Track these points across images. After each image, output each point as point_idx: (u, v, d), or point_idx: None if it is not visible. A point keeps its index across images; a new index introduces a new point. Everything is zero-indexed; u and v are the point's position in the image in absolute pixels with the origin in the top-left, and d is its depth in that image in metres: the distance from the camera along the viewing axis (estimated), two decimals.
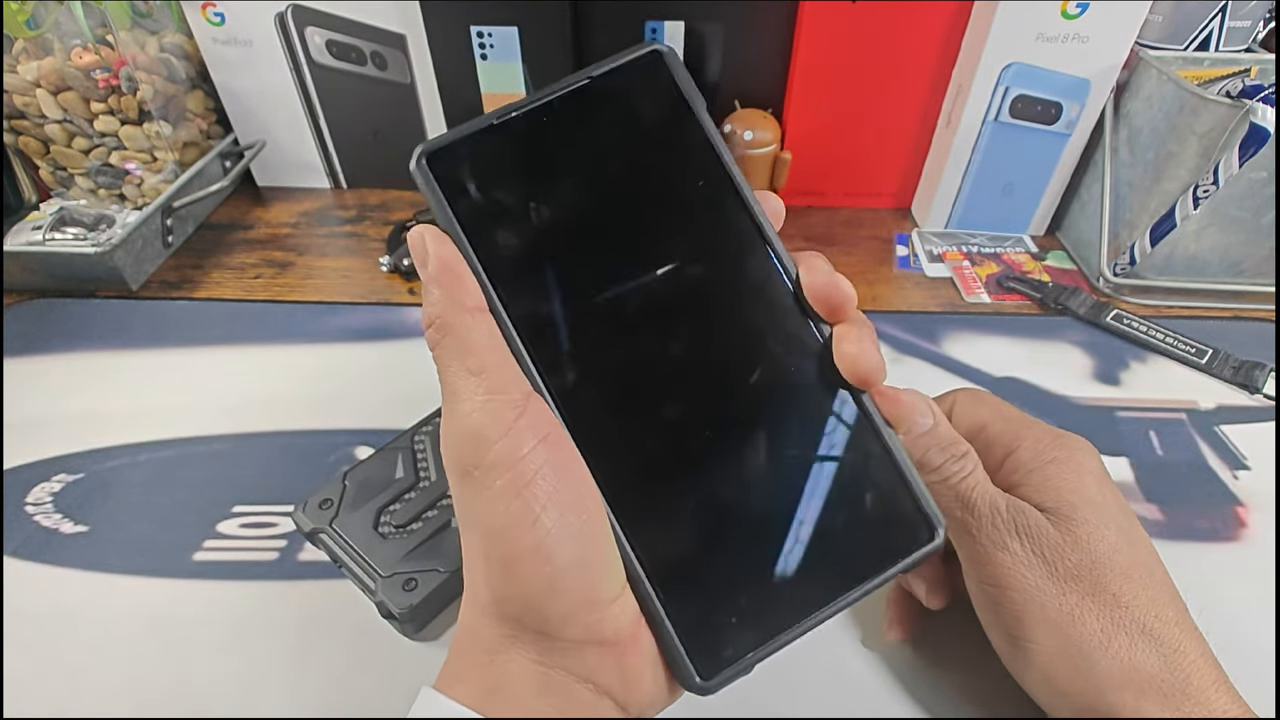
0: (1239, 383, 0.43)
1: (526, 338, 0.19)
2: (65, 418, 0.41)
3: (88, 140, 0.51)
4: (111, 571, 0.33)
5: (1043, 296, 0.50)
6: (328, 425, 0.40)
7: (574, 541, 0.17)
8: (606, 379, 0.19)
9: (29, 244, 0.49)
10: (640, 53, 0.20)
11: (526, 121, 0.19)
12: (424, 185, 0.19)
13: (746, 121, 0.55)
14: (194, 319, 0.48)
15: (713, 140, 0.21)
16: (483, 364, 0.18)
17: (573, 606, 0.18)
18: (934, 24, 0.51)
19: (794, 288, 0.21)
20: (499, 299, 0.19)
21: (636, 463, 0.19)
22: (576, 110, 0.20)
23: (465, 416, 0.18)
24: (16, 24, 0.47)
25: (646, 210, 0.20)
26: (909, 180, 0.59)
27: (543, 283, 0.19)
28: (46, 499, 0.36)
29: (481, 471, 0.17)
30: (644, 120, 0.21)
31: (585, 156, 0.20)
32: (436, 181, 0.19)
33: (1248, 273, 0.50)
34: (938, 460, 0.24)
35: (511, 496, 0.17)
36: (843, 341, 0.20)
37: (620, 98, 0.20)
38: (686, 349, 0.20)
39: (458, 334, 0.18)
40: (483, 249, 0.19)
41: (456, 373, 0.18)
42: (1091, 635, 0.22)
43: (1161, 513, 0.36)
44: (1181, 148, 0.45)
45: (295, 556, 0.34)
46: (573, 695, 0.18)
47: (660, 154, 0.21)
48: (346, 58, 0.55)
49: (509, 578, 0.18)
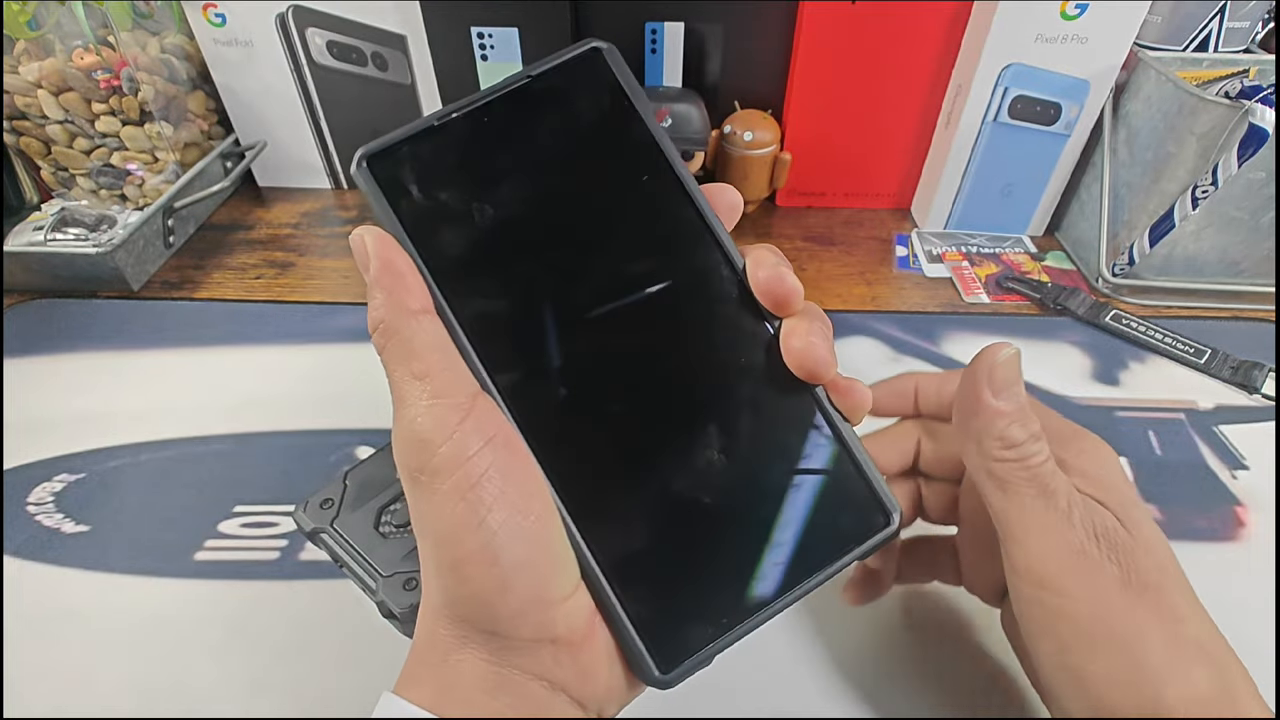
0: (1238, 383, 0.44)
1: (474, 338, 0.19)
2: (66, 417, 0.41)
3: (89, 141, 0.52)
4: (113, 571, 0.33)
5: (1042, 297, 0.50)
6: (328, 425, 0.40)
7: (522, 542, 0.18)
8: (555, 377, 0.19)
9: (30, 244, 0.49)
10: (580, 50, 0.20)
11: (467, 122, 0.19)
12: (365, 187, 0.19)
13: (746, 122, 0.55)
14: (195, 319, 0.48)
15: (656, 136, 0.21)
16: (427, 367, 0.18)
17: (523, 605, 0.18)
18: (934, 25, 0.51)
19: (741, 282, 0.21)
20: (444, 300, 0.19)
21: (588, 460, 0.19)
22: (518, 109, 0.20)
23: (411, 422, 0.18)
24: (18, 25, 0.47)
25: (590, 208, 0.20)
26: (908, 181, 0.60)
27: (488, 283, 0.19)
28: (48, 499, 0.36)
29: (427, 476, 0.18)
30: (586, 118, 0.20)
31: (527, 155, 0.20)
32: (378, 183, 0.19)
33: (1246, 273, 0.50)
34: (1020, 437, 0.21)
35: (457, 499, 0.17)
36: (790, 336, 0.20)
37: (561, 96, 0.20)
38: (635, 346, 0.20)
39: (402, 337, 0.18)
40: (426, 250, 0.19)
41: (402, 377, 0.18)
42: (1157, 658, 0.19)
43: (1161, 513, 0.36)
44: (1180, 148, 0.45)
45: (296, 556, 0.34)
46: (526, 693, 0.18)
47: (603, 151, 0.21)
48: (347, 59, 0.56)
49: (458, 579, 0.18)
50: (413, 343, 0.18)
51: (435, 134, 0.19)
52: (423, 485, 0.18)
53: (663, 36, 0.54)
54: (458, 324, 0.19)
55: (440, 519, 0.18)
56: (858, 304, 0.50)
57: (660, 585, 0.19)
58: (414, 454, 0.18)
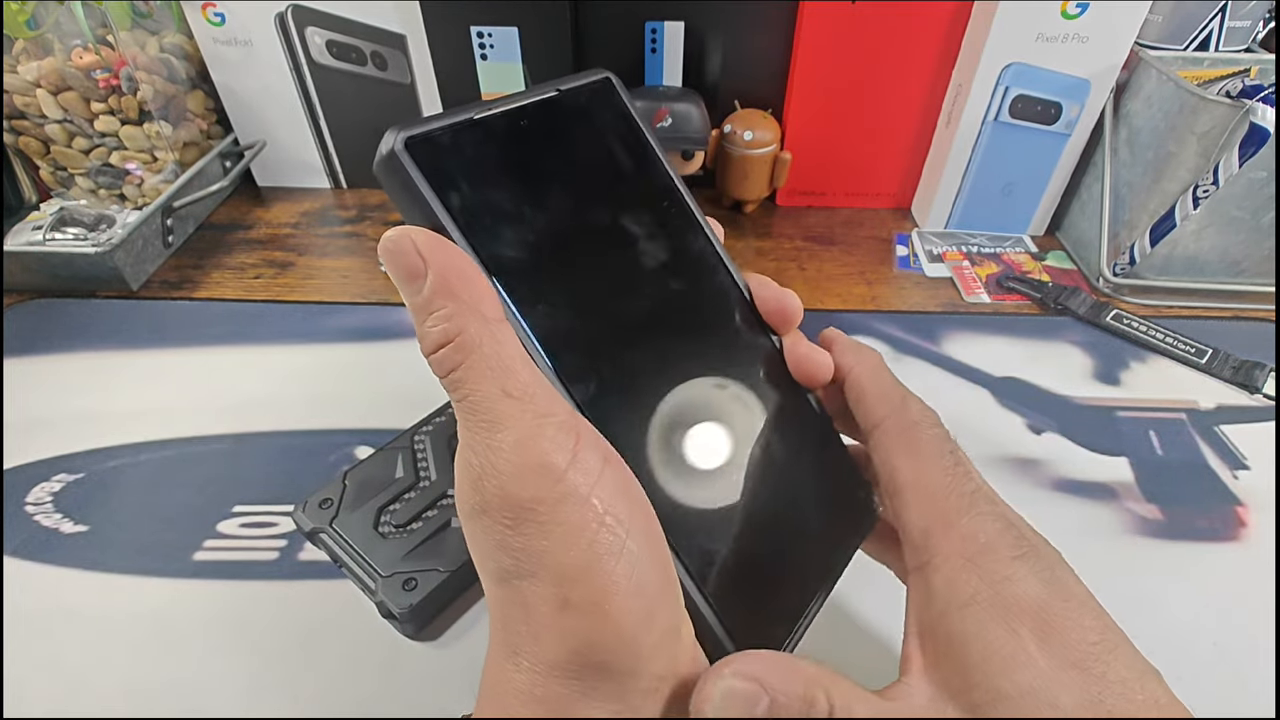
0: (1239, 383, 0.43)
1: (548, 350, 0.17)
2: (65, 417, 0.41)
3: (88, 140, 0.52)
4: (112, 571, 0.33)
5: (1042, 296, 0.50)
6: (328, 425, 0.40)
7: (656, 566, 0.16)
8: (616, 387, 0.19)
9: (29, 244, 0.49)
10: (595, 77, 0.21)
11: (505, 122, 0.19)
12: (401, 176, 0.17)
13: (746, 121, 0.55)
14: (194, 319, 0.48)
15: (668, 166, 0.22)
16: (523, 384, 0.16)
17: (662, 637, 0.16)
18: (934, 24, 0.51)
19: (750, 302, 0.23)
20: (514, 308, 0.17)
21: (667, 471, 0.19)
22: (550, 119, 0.20)
23: (520, 447, 0.15)
24: (17, 24, 0.47)
25: (623, 222, 0.21)
26: (909, 180, 0.59)
27: (548, 289, 0.18)
28: (47, 498, 0.36)
29: (549, 506, 0.15)
30: (608, 136, 0.21)
31: (564, 164, 0.20)
32: (422, 171, 0.17)
33: (1247, 273, 0.50)
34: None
35: (596, 527, 0.15)
36: (796, 346, 0.22)
37: (586, 113, 0.21)
38: (677, 356, 0.20)
39: (485, 351, 0.16)
40: (484, 251, 0.17)
41: (491, 396, 0.16)
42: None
43: (1161, 513, 0.36)
44: (1181, 148, 0.45)
45: (295, 556, 0.34)
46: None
47: (625, 170, 0.21)
48: (346, 58, 0.55)
49: (598, 617, 0.15)
50: (500, 356, 0.16)
51: (477, 128, 0.18)
52: (539, 518, 0.15)
53: (663, 36, 0.54)
54: (530, 334, 0.17)
55: (570, 553, 0.15)
56: (858, 304, 0.50)
57: (742, 594, 0.19)
58: (531, 483, 0.15)
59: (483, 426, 0.16)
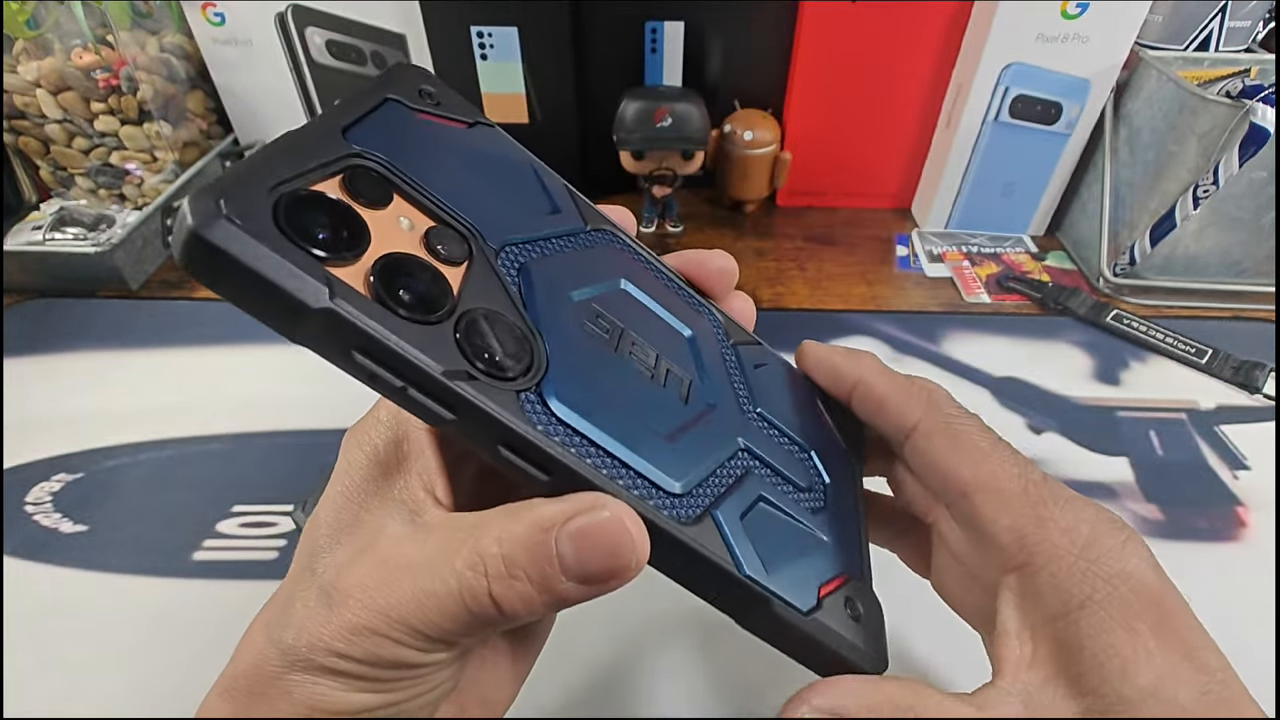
0: (1239, 383, 0.43)
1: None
2: (65, 417, 0.41)
3: (88, 140, 0.51)
4: (111, 571, 0.33)
5: (1043, 296, 0.50)
6: (327, 425, 0.40)
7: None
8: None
9: (29, 244, 0.49)
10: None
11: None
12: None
13: (746, 121, 0.55)
14: (194, 319, 0.48)
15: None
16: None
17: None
18: (934, 24, 0.51)
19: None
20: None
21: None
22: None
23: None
24: (17, 24, 0.47)
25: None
26: (909, 180, 0.59)
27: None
28: (46, 498, 0.36)
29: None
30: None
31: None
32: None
33: (1248, 273, 0.50)
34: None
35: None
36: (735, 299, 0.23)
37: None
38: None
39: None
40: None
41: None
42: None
43: (1161, 513, 0.36)
44: (1181, 148, 0.45)
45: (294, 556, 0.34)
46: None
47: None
48: (346, 58, 0.55)
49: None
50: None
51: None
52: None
53: (663, 35, 0.54)
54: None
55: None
56: (858, 304, 0.50)
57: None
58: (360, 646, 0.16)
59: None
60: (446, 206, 0.16)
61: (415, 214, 0.16)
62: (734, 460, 0.18)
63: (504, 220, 0.17)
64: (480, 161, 0.18)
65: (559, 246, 0.18)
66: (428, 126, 0.17)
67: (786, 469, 0.20)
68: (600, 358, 0.17)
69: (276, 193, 0.13)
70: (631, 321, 0.18)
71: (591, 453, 0.15)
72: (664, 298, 0.20)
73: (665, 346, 0.19)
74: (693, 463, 0.17)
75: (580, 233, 0.19)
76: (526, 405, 0.15)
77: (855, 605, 0.19)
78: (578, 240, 0.19)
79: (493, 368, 0.15)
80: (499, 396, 0.14)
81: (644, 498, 0.16)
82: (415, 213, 0.16)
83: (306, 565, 0.17)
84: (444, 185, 0.16)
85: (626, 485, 0.16)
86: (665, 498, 0.16)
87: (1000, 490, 0.18)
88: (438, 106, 0.18)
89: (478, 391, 0.14)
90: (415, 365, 0.13)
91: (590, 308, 0.18)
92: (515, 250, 0.17)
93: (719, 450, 0.18)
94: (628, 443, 0.16)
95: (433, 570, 0.15)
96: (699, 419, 0.18)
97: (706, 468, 0.17)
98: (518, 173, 0.19)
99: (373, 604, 0.16)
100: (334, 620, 0.16)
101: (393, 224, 0.15)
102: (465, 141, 0.18)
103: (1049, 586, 0.17)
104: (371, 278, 0.14)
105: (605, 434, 0.16)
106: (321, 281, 0.13)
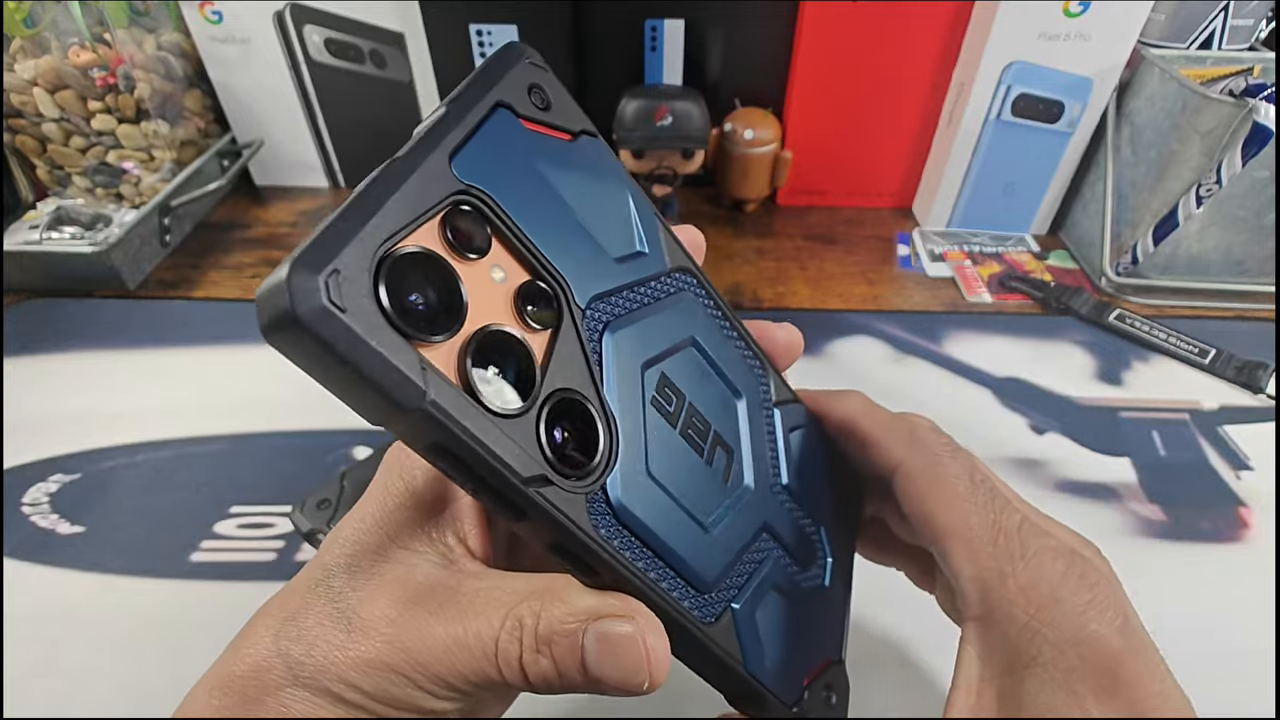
0: (1242, 383, 0.43)
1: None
2: (62, 417, 0.40)
3: (85, 139, 0.51)
4: (109, 572, 0.33)
5: (1045, 296, 0.50)
6: (325, 425, 0.40)
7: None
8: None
9: (26, 243, 0.48)
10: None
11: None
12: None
13: (747, 120, 0.55)
14: (191, 319, 0.48)
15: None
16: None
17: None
18: (935, 23, 0.50)
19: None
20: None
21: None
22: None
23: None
24: (14, 22, 0.47)
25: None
26: (910, 179, 0.59)
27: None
28: (43, 499, 0.36)
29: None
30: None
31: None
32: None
33: (1251, 272, 0.50)
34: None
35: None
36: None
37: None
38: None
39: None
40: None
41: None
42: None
43: (1164, 513, 0.36)
44: (1184, 147, 0.45)
45: (293, 557, 0.34)
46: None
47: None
48: (345, 56, 0.55)
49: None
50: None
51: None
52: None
53: (663, 34, 0.53)
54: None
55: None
56: (859, 303, 0.50)
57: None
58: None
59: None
60: (542, 256, 0.15)
61: (510, 263, 0.14)
62: (757, 544, 0.19)
63: (593, 268, 0.16)
64: (578, 188, 0.16)
65: (641, 298, 0.17)
66: (534, 142, 0.15)
67: (798, 549, 0.20)
68: (662, 441, 0.17)
69: (379, 255, 0.12)
70: (693, 389, 0.18)
71: (640, 554, 0.16)
72: (725, 355, 0.19)
73: (719, 416, 0.19)
74: (723, 553, 0.18)
75: (662, 276, 0.18)
76: (591, 507, 0.15)
77: (831, 691, 0.20)
78: (659, 288, 0.18)
79: (570, 468, 0.14)
80: (570, 502, 0.14)
81: (679, 599, 0.16)
82: (511, 262, 0.14)
83: (322, 580, 0.17)
84: (543, 226, 0.15)
85: (667, 588, 0.16)
86: (695, 597, 0.17)
87: (970, 540, 0.19)
88: (546, 111, 0.16)
89: (551, 498, 0.14)
90: (497, 471, 0.13)
91: (660, 375, 0.17)
92: (600, 307, 0.16)
93: (746, 534, 0.19)
94: (673, 541, 0.16)
95: (467, 623, 0.15)
96: (735, 502, 0.18)
97: (733, 555, 0.18)
98: (612, 201, 0.17)
99: (397, 641, 0.16)
100: (351, 648, 0.16)
101: (486, 278, 0.14)
102: (567, 161, 0.16)
103: (1000, 643, 0.18)
104: (464, 364, 0.13)
105: (656, 534, 0.16)
106: (418, 379, 0.12)
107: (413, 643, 0.15)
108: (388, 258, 0.12)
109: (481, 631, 0.15)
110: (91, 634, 0.31)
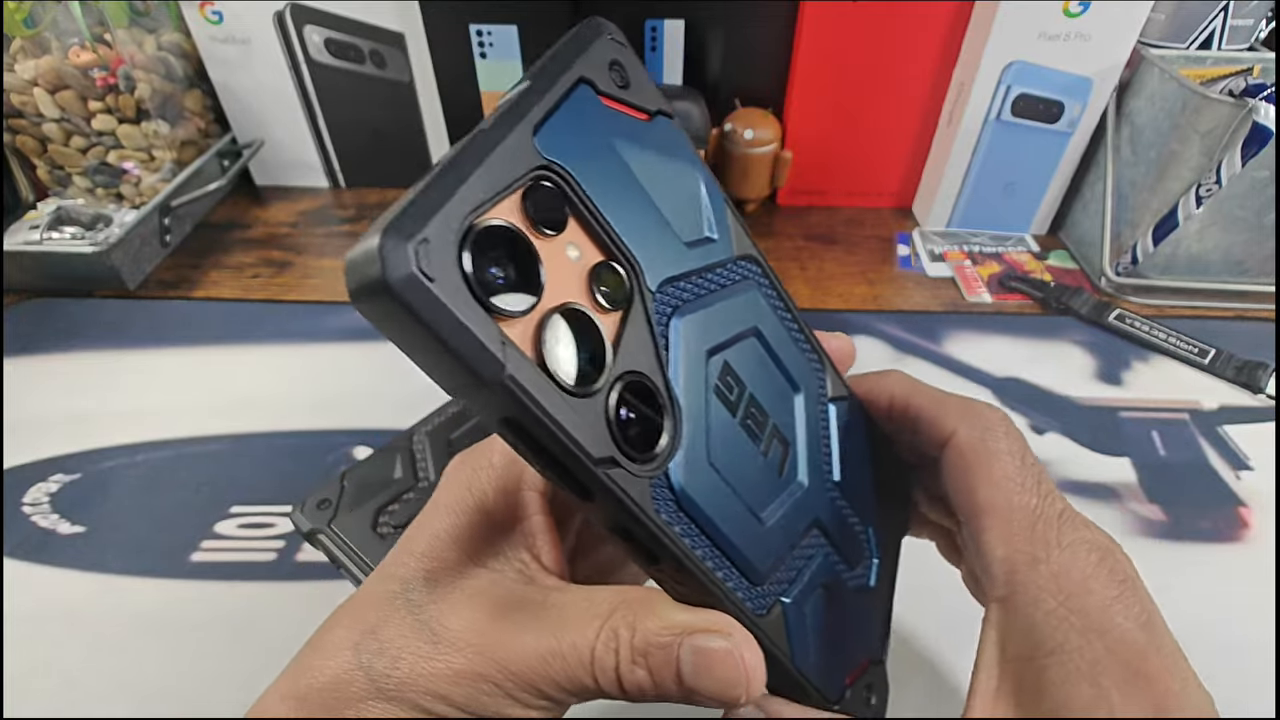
0: (1242, 383, 0.43)
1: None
2: (62, 418, 0.40)
3: (85, 139, 0.51)
4: (109, 572, 0.33)
5: (1045, 296, 0.50)
6: (326, 425, 0.40)
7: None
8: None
9: (26, 243, 0.48)
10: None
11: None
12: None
13: (747, 120, 0.55)
14: (192, 319, 0.48)
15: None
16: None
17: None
18: (935, 23, 0.50)
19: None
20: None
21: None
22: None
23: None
24: (14, 22, 0.47)
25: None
26: (910, 179, 0.59)
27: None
28: (44, 499, 0.36)
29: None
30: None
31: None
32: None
33: (1251, 272, 0.50)
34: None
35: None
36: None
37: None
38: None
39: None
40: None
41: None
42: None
43: (1164, 513, 0.36)
44: (1184, 147, 0.45)
45: (293, 557, 0.34)
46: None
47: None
48: (345, 56, 0.55)
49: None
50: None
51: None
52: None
53: (663, 34, 0.53)
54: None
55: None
56: (859, 303, 0.50)
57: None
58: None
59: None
60: (617, 235, 0.15)
61: (586, 242, 0.14)
62: (807, 540, 0.19)
63: (665, 251, 0.16)
64: (653, 169, 0.16)
65: (709, 284, 0.17)
66: (613, 120, 0.15)
67: (847, 547, 0.20)
68: (724, 430, 0.17)
69: (465, 227, 0.12)
70: (754, 379, 0.18)
71: (699, 541, 0.16)
72: (785, 346, 0.19)
73: (777, 408, 0.19)
74: (776, 546, 0.18)
75: (729, 263, 0.18)
76: (655, 491, 0.15)
77: (872, 691, 0.21)
78: (726, 274, 0.18)
79: (638, 451, 0.14)
80: (635, 485, 0.14)
81: (733, 589, 0.16)
82: (586, 241, 0.14)
83: (399, 592, 0.17)
84: (618, 205, 0.15)
85: (723, 577, 0.16)
86: (749, 588, 0.17)
87: (1009, 520, 0.18)
88: (625, 89, 0.16)
89: (618, 479, 0.14)
90: (569, 450, 0.13)
91: (723, 363, 0.17)
92: (670, 291, 0.16)
93: (798, 529, 0.19)
94: (730, 530, 0.16)
95: (560, 635, 0.16)
96: (788, 496, 0.18)
97: (786, 549, 0.18)
98: (685, 184, 0.17)
99: (489, 652, 0.16)
100: (439, 660, 0.16)
101: (562, 255, 0.14)
102: (644, 140, 0.16)
103: (1024, 627, 0.18)
104: (539, 341, 0.13)
105: (715, 523, 0.16)
106: (498, 352, 0.12)
107: (504, 653, 0.16)
108: (473, 229, 0.12)
109: (577, 642, 0.16)
110: (91, 634, 0.31)
